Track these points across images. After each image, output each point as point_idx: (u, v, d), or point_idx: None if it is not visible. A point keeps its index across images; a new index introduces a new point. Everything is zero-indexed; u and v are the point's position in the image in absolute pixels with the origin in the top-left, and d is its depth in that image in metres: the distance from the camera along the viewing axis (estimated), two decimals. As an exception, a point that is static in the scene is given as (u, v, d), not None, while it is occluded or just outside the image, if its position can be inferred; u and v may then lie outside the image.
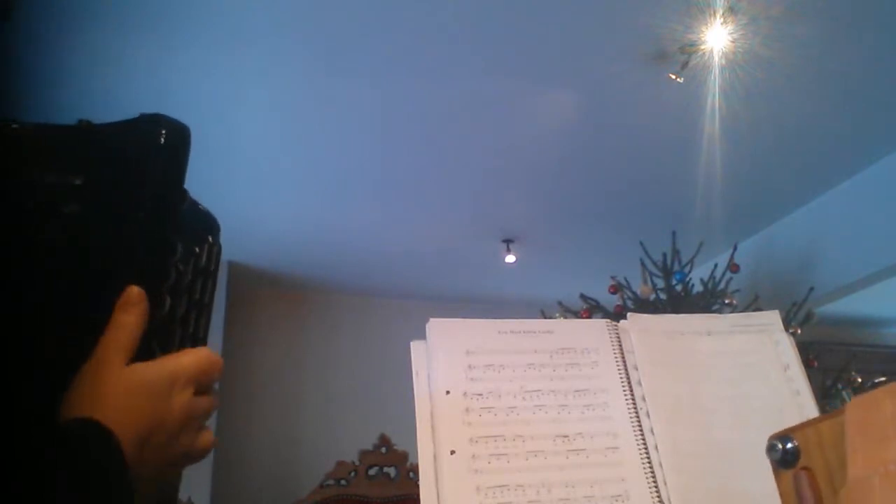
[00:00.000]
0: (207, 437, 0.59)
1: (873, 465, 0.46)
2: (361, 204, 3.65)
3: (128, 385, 0.52)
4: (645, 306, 3.24)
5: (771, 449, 0.56)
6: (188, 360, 0.57)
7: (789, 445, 0.54)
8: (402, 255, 4.29)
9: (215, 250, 0.64)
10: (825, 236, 3.57)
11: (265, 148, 3.12)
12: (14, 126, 0.54)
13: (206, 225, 0.64)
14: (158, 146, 0.57)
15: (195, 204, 0.62)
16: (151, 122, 0.58)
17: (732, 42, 2.37)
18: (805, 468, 0.53)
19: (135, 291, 0.54)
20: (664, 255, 3.32)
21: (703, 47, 2.39)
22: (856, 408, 0.51)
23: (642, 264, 3.35)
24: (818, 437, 0.53)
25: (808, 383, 0.87)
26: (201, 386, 0.58)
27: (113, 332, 0.53)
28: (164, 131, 0.58)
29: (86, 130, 0.58)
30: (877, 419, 0.48)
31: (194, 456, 0.58)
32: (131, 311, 0.54)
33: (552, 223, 3.94)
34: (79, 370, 0.52)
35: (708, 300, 3.22)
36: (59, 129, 0.57)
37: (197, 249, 0.61)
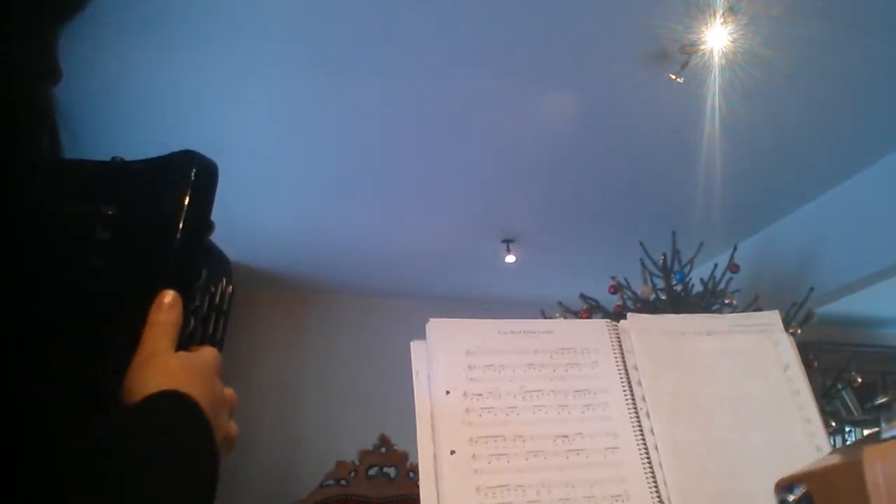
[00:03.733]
0: (235, 427, 0.62)
1: None
2: (362, 204, 3.65)
3: (187, 366, 0.56)
4: (645, 306, 3.24)
5: (782, 502, 0.51)
6: (208, 353, 0.60)
7: (799, 491, 0.50)
8: (402, 255, 4.29)
9: (228, 291, 0.68)
10: (825, 236, 3.57)
11: (265, 148, 3.12)
12: (49, 161, 0.57)
13: (221, 265, 0.67)
14: (188, 183, 0.60)
15: (212, 244, 0.65)
16: (183, 160, 0.61)
17: (732, 42, 2.37)
18: None
19: (170, 294, 0.57)
20: (664, 255, 3.31)
21: (703, 47, 2.39)
22: (874, 461, 0.46)
23: (642, 264, 3.35)
24: (829, 484, 0.49)
25: (808, 383, 0.87)
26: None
27: (152, 328, 0.56)
28: (195, 169, 0.61)
29: (118, 165, 0.62)
30: None
31: (229, 443, 0.60)
32: (169, 311, 0.57)
33: (552, 223, 3.94)
34: (116, 375, 0.54)
35: (708, 300, 3.22)
36: (92, 164, 0.61)
37: (212, 287, 0.65)
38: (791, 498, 0.51)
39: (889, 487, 0.45)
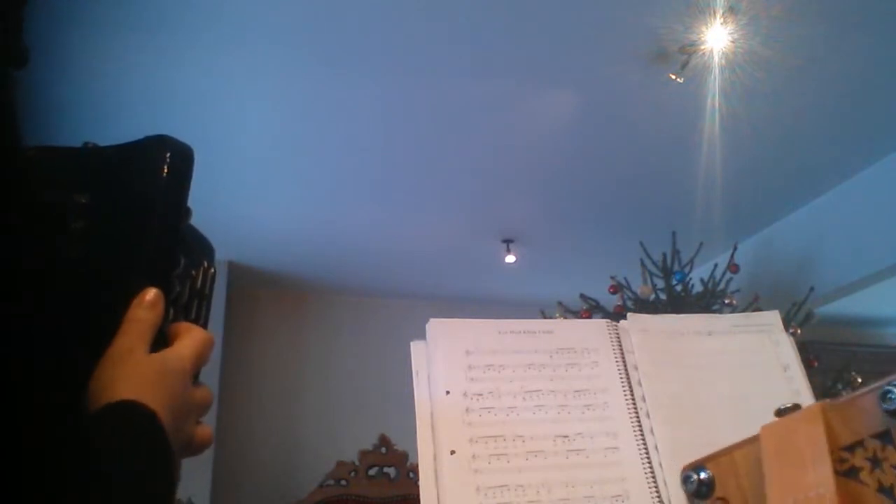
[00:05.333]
0: (206, 430, 0.60)
1: (791, 492, 0.47)
2: (361, 204, 3.65)
3: (157, 370, 0.54)
4: (645, 306, 3.24)
5: (686, 480, 0.55)
6: (188, 349, 0.58)
7: (703, 476, 0.54)
8: (402, 255, 4.29)
9: (210, 273, 0.65)
10: (825, 236, 3.57)
11: (265, 148, 3.12)
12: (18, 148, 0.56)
13: (202, 248, 0.65)
14: (163, 168, 0.59)
15: (193, 228, 0.63)
16: (156, 144, 0.60)
17: (732, 42, 2.37)
18: (721, 499, 0.53)
19: (152, 292, 0.56)
20: (664, 255, 3.31)
21: (703, 47, 2.39)
22: (770, 435, 0.51)
23: (642, 264, 3.35)
24: (732, 465, 0.53)
25: (808, 383, 0.87)
26: (198, 369, 0.60)
27: (131, 325, 0.55)
28: (168, 153, 0.59)
29: (91, 152, 0.60)
30: (792, 446, 0.49)
31: (194, 448, 0.59)
32: (149, 309, 0.56)
33: (552, 223, 3.94)
34: (91, 369, 0.53)
35: (708, 300, 3.22)
36: (65, 151, 0.59)
37: (193, 272, 0.63)
38: (694, 477, 0.54)
39: (780, 451, 0.49)
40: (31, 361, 0.46)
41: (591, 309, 3.29)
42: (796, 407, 0.55)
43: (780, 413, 0.53)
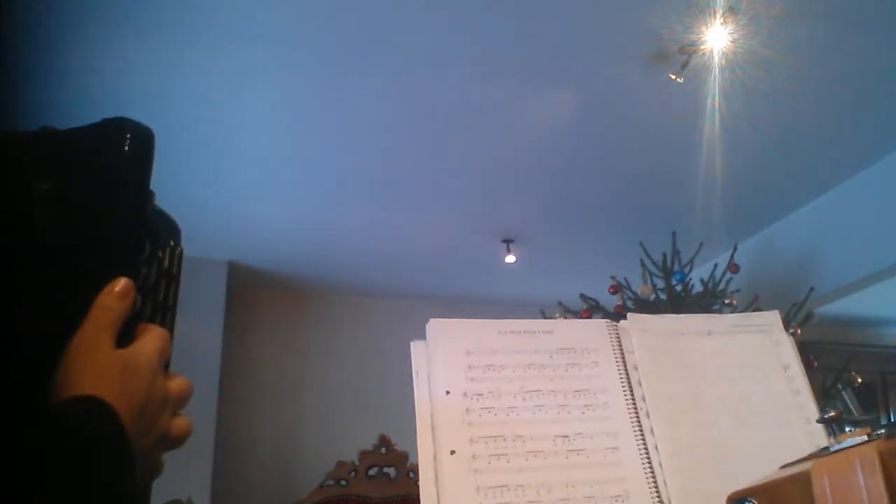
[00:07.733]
0: (183, 421, 0.60)
1: None
2: (361, 204, 3.65)
3: (121, 366, 0.54)
4: (645, 306, 3.24)
5: None
6: (152, 343, 0.58)
7: None
8: (402, 255, 4.29)
9: (178, 253, 0.64)
10: (825, 236, 3.57)
11: (265, 148, 3.12)
12: None
13: (168, 229, 0.65)
14: (124, 150, 0.58)
15: (157, 209, 0.63)
16: (116, 127, 0.59)
17: (732, 42, 2.37)
18: None
19: (123, 282, 0.55)
20: (664, 255, 3.31)
21: (703, 47, 2.39)
22: (822, 475, 0.48)
23: (642, 264, 3.34)
24: (778, 498, 0.50)
25: (808, 383, 0.87)
26: (164, 363, 0.60)
27: (99, 313, 0.54)
28: (129, 135, 0.58)
29: (49, 136, 0.58)
30: (846, 490, 0.46)
31: (171, 440, 0.59)
32: (119, 300, 0.55)
33: (552, 223, 3.94)
34: (53, 360, 0.52)
35: (708, 300, 3.22)
36: (22, 136, 0.58)
37: (160, 253, 0.62)
38: None
39: (835, 498, 0.46)
40: None
41: (591, 309, 3.29)
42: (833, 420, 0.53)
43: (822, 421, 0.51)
